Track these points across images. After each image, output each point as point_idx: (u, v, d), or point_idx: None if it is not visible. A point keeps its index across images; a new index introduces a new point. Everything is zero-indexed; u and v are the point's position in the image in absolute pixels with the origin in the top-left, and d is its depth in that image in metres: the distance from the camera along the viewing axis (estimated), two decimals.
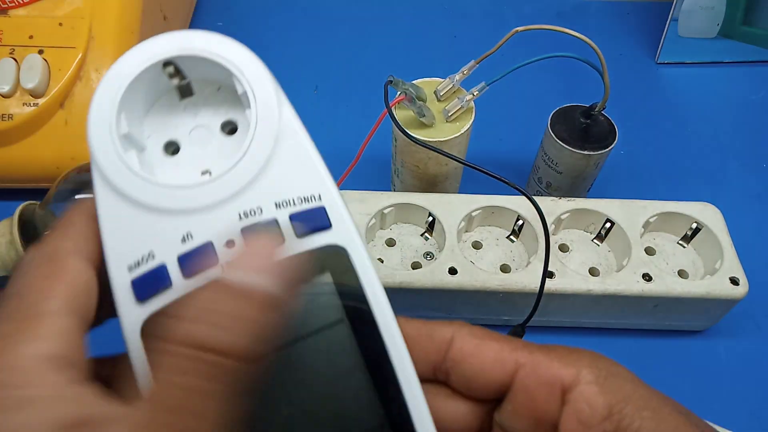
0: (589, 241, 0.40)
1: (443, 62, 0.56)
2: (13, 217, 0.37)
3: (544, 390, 0.18)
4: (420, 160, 0.40)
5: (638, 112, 0.52)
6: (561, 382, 0.18)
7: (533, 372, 0.18)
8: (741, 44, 0.55)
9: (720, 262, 0.36)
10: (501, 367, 0.18)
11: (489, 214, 0.39)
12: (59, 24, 0.41)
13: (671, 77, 0.55)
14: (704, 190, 0.47)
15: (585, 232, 0.40)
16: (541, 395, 0.18)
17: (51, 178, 0.39)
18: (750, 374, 0.38)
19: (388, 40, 0.58)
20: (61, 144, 0.41)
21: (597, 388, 0.17)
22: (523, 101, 0.53)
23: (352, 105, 0.53)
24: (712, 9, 0.53)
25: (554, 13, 0.61)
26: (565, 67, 0.54)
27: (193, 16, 0.59)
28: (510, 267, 0.38)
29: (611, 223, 0.38)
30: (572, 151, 0.39)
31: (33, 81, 0.39)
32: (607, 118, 0.40)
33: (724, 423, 0.30)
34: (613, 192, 0.46)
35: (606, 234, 0.39)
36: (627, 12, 0.61)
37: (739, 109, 0.53)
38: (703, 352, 0.39)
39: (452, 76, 0.39)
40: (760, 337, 0.39)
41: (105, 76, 0.18)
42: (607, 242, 0.39)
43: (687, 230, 0.38)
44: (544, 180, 0.43)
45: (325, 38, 0.58)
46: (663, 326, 0.38)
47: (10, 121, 0.40)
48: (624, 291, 0.35)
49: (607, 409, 0.17)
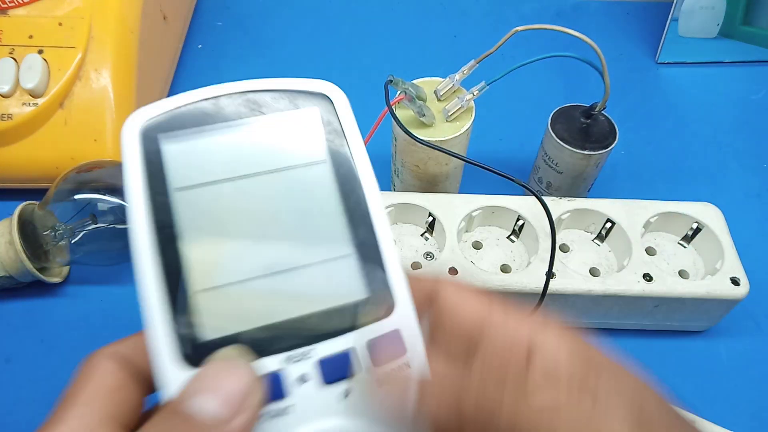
0: (589, 241, 0.39)
1: (443, 62, 0.56)
2: (12, 217, 0.37)
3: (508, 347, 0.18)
4: (420, 159, 0.40)
5: (638, 111, 0.52)
6: (528, 343, 0.17)
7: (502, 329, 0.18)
8: (741, 44, 0.55)
9: (721, 262, 0.36)
10: (474, 321, 0.18)
11: (489, 214, 0.39)
12: (59, 24, 0.41)
13: (671, 77, 0.55)
14: (705, 190, 0.47)
15: (585, 232, 0.40)
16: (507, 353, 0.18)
17: (50, 178, 0.39)
18: (750, 374, 0.38)
19: (388, 39, 0.58)
20: (61, 144, 0.41)
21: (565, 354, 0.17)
22: (523, 101, 0.53)
23: (352, 104, 0.52)
24: (713, 9, 0.53)
25: (554, 12, 0.61)
26: (565, 66, 0.55)
27: (193, 16, 0.59)
28: (510, 267, 0.38)
29: (612, 223, 0.38)
30: (572, 151, 0.39)
31: (32, 81, 0.39)
32: (608, 117, 0.40)
33: (724, 423, 0.30)
34: (614, 192, 0.46)
35: (606, 234, 0.39)
36: (627, 12, 0.61)
37: (740, 109, 0.53)
38: (704, 353, 0.38)
39: (452, 76, 0.39)
40: (761, 338, 0.39)
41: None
42: (607, 242, 0.39)
43: (688, 230, 0.38)
44: (544, 180, 0.43)
45: (324, 38, 0.58)
46: (664, 326, 0.38)
47: (10, 121, 0.40)
48: (624, 291, 0.35)
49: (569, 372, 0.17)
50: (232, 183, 0.19)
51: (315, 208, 0.19)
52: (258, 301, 0.18)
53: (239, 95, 0.19)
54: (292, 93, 0.20)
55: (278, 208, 0.19)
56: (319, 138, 0.20)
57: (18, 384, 0.36)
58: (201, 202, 0.18)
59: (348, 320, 0.18)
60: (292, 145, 0.19)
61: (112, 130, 0.41)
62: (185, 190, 0.18)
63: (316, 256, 0.18)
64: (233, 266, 0.18)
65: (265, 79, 0.20)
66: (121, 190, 0.38)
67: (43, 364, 0.37)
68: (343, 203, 0.19)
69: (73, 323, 0.39)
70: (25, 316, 0.39)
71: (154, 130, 0.18)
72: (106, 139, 0.41)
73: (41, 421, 0.34)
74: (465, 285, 0.20)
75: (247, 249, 0.18)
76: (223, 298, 0.18)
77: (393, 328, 0.18)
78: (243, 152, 0.19)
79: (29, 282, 0.38)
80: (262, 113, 0.19)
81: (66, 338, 0.38)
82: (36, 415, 0.35)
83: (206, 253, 0.18)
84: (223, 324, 0.17)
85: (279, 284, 0.18)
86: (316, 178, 0.19)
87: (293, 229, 0.19)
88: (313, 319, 0.18)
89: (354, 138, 0.20)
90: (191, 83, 0.54)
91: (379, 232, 0.19)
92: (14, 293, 0.40)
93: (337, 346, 0.18)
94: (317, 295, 0.18)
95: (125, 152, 0.18)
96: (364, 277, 0.19)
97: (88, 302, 0.40)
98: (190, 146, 0.19)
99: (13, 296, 0.40)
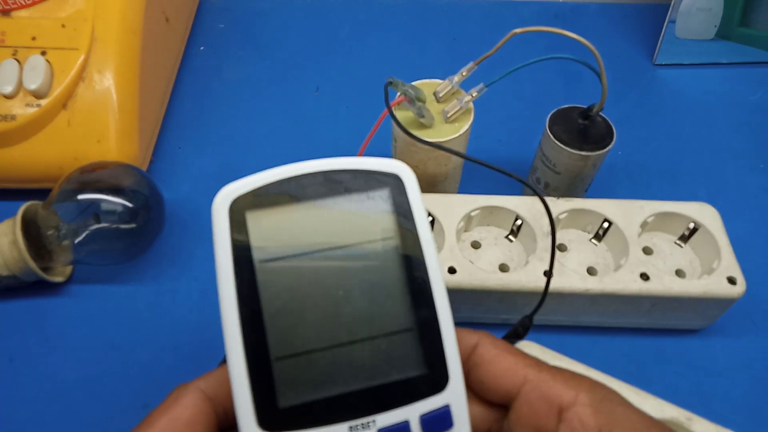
0: (587, 240, 0.40)
1: (442, 64, 0.56)
2: (16, 217, 0.37)
3: (544, 405, 0.20)
4: (420, 160, 0.40)
5: (636, 113, 0.53)
6: (560, 401, 0.20)
7: (537, 388, 0.20)
8: (738, 45, 0.55)
9: (717, 262, 0.36)
10: (512, 378, 0.21)
11: (488, 214, 0.40)
12: (62, 25, 0.42)
13: (669, 78, 0.56)
14: (701, 190, 0.47)
15: (583, 231, 0.40)
16: (542, 410, 0.20)
17: (54, 178, 0.39)
18: (747, 373, 0.38)
19: (388, 41, 0.59)
20: (64, 145, 0.41)
21: (590, 410, 0.19)
22: (521, 102, 0.53)
23: (352, 106, 0.53)
24: (710, 10, 0.53)
25: (552, 14, 0.62)
26: (563, 68, 0.55)
27: (195, 18, 0.59)
28: (508, 266, 0.39)
29: (609, 223, 0.38)
30: (570, 152, 0.39)
31: (36, 82, 0.40)
32: (605, 119, 0.40)
33: (720, 422, 0.31)
34: (611, 192, 0.47)
35: (604, 234, 0.39)
36: (624, 14, 0.62)
37: (737, 110, 0.53)
38: (701, 352, 0.39)
39: (451, 78, 0.39)
40: (758, 337, 0.39)
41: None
42: (604, 242, 0.39)
43: (684, 230, 0.39)
44: (542, 180, 0.43)
45: (325, 40, 0.59)
46: (660, 325, 0.39)
47: (13, 122, 0.40)
48: (622, 290, 0.35)
49: (596, 429, 0.19)
50: (310, 257, 0.20)
51: (382, 284, 0.20)
52: (328, 371, 0.19)
53: (320, 175, 0.21)
54: (366, 173, 0.21)
55: (349, 282, 0.20)
56: (389, 217, 0.21)
57: (21, 383, 0.37)
58: (281, 273, 0.20)
59: (407, 393, 0.20)
60: (365, 223, 0.21)
61: (115, 130, 0.42)
62: (268, 262, 0.20)
63: (380, 330, 0.20)
64: (307, 336, 0.19)
65: (342, 158, 0.21)
66: (124, 191, 0.38)
67: (47, 363, 0.38)
68: (408, 281, 0.20)
69: (76, 323, 0.39)
70: (29, 315, 0.39)
71: (242, 205, 0.20)
72: (110, 139, 0.42)
73: (45, 419, 0.35)
74: (501, 341, 0.22)
75: (320, 320, 0.20)
76: (297, 367, 0.19)
77: (444, 404, 0.20)
78: (320, 229, 0.20)
79: (32, 281, 0.39)
80: (339, 193, 0.21)
81: (69, 337, 0.39)
82: (39, 414, 0.36)
83: (284, 322, 0.19)
84: (297, 393, 0.19)
85: (347, 355, 0.20)
86: (385, 255, 0.20)
87: (361, 303, 0.20)
88: (376, 391, 0.19)
89: (420, 218, 0.21)
90: (193, 84, 0.54)
91: (439, 310, 0.20)
92: (18, 293, 0.40)
93: (396, 418, 0.19)
94: (381, 367, 0.20)
95: (216, 224, 0.20)
96: (423, 353, 0.20)
97: (91, 302, 0.40)
98: (273, 222, 0.20)
99: (17, 296, 0.40)
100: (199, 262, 0.42)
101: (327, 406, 0.19)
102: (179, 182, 0.47)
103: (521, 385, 0.20)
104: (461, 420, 0.20)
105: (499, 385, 0.21)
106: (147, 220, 0.39)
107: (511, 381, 0.21)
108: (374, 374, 0.20)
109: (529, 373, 0.21)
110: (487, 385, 0.21)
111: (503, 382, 0.21)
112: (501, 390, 0.21)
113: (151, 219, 0.39)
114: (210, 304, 0.40)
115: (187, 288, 0.41)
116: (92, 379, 0.37)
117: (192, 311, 0.40)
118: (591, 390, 0.20)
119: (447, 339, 0.20)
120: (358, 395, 0.19)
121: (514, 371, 0.21)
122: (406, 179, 0.21)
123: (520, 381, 0.20)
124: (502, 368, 0.21)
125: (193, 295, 0.41)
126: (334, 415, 0.19)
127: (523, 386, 0.20)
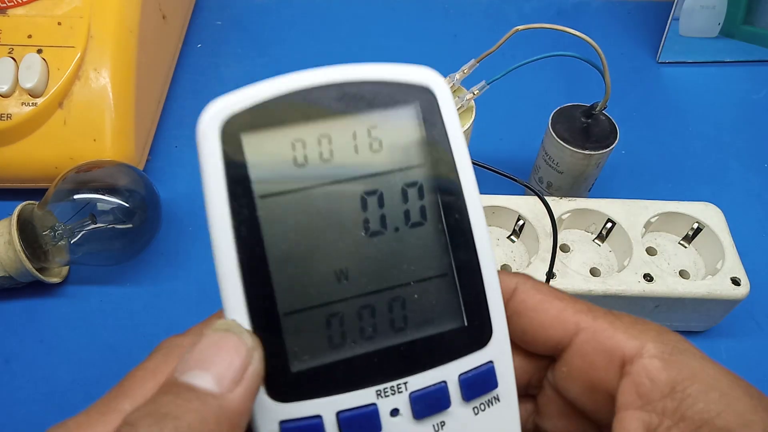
0: (590, 241, 0.39)
1: (444, 61, 0.55)
2: (11, 216, 0.37)
3: (603, 358, 0.17)
4: None
5: (639, 111, 0.52)
6: (622, 353, 0.17)
7: (594, 338, 0.17)
8: (742, 43, 0.55)
9: (721, 263, 0.36)
10: (561, 326, 0.18)
11: (490, 214, 0.39)
12: (58, 23, 0.41)
13: (672, 76, 0.55)
14: (705, 190, 0.47)
15: (586, 232, 0.40)
16: (600, 363, 0.17)
17: (50, 178, 0.39)
18: (751, 374, 0.37)
19: (389, 38, 0.58)
20: (60, 144, 0.41)
21: (661, 363, 0.17)
22: (523, 100, 0.52)
23: None
24: (713, 8, 0.53)
25: (555, 11, 0.61)
26: (566, 66, 0.55)
27: (192, 15, 0.59)
28: (511, 267, 0.38)
29: (612, 223, 0.38)
30: (573, 151, 0.39)
31: (32, 80, 0.39)
32: (608, 117, 0.40)
33: None
34: (614, 192, 0.46)
35: (607, 234, 0.39)
36: (628, 11, 0.61)
37: (741, 109, 0.53)
38: (705, 353, 0.38)
39: (452, 75, 0.39)
40: (762, 338, 0.39)
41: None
42: (608, 242, 0.39)
43: (688, 230, 0.38)
44: (545, 180, 0.42)
45: (324, 37, 0.58)
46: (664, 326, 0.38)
47: (9, 121, 0.40)
48: (625, 291, 0.35)
49: (669, 386, 0.16)
50: (322, 190, 0.16)
51: (411, 222, 0.17)
52: (347, 327, 0.16)
53: (334, 87, 0.17)
54: (390, 86, 0.17)
55: (371, 219, 0.17)
56: (419, 140, 0.17)
57: (17, 384, 0.36)
58: (288, 211, 0.16)
59: (443, 351, 0.17)
60: (389, 147, 0.17)
61: (111, 129, 0.41)
62: (271, 197, 0.16)
63: (410, 276, 0.17)
64: (322, 286, 0.16)
65: (362, 65, 0.17)
66: (120, 190, 0.38)
67: (43, 364, 0.37)
68: (442, 218, 0.17)
69: (72, 323, 0.39)
70: (25, 316, 0.39)
71: (237, 127, 0.16)
72: (106, 138, 0.41)
73: (41, 420, 0.34)
74: (543, 284, 0.19)
75: (336, 266, 0.16)
76: (311, 324, 0.16)
77: (487, 361, 0.17)
78: (334, 156, 0.17)
79: (28, 282, 0.38)
80: (357, 111, 0.17)
81: (65, 338, 0.38)
82: (35, 415, 0.35)
83: (293, 270, 0.16)
84: (311, 354, 0.16)
85: (370, 307, 0.17)
86: (415, 187, 0.17)
87: (386, 245, 0.17)
88: (407, 348, 0.17)
89: (457, 141, 0.17)
90: (190, 82, 0.54)
91: (480, 251, 0.17)
92: (13, 293, 0.40)
93: (431, 379, 0.17)
94: (412, 320, 0.17)
95: (203, 152, 0.16)
96: (462, 302, 0.17)
97: (88, 302, 0.40)
98: (276, 147, 0.16)
99: (13, 296, 0.40)
100: (196, 261, 0.42)
101: (348, 368, 0.16)
102: (176, 181, 0.46)
103: (573, 335, 0.17)
104: (506, 380, 0.17)
105: (547, 336, 0.18)
106: (144, 220, 0.38)
107: (561, 330, 0.18)
108: (404, 329, 0.17)
109: (582, 320, 0.18)
110: (532, 336, 0.18)
111: (552, 333, 0.18)
112: (549, 341, 0.18)
113: (148, 219, 0.39)
114: (209, 304, 0.40)
115: (185, 288, 0.41)
116: (89, 380, 0.37)
117: (190, 312, 0.39)
118: (659, 339, 0.17)
119: (490, 285, 0.17)
120: (386, 354, 0.16)
121: (564, 319, 0.18)
122: (439, 93, 0.17)
123: (572, 330, 0.18)
124: (550, 316, 0.18)
125: (190, 296, 0.40)
126: (358, 379, 0.16)
127: (576, 336, 0.17)
